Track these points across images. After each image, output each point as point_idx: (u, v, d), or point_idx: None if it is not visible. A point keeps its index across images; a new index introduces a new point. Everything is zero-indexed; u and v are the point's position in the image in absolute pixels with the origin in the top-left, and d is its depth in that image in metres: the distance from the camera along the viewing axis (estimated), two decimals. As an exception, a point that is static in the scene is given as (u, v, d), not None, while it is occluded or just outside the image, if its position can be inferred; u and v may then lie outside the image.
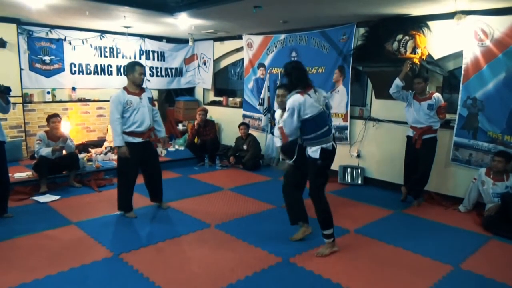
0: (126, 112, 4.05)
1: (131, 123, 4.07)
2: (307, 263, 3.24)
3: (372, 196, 5.23)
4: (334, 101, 6.10)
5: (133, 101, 4.07)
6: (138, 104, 4.10)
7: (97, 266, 3.14)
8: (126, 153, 4.03)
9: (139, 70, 4.10)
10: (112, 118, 4.02)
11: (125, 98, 4.04)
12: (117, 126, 4.01)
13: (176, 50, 8.50)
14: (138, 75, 4.10)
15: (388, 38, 5.12)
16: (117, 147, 4.05)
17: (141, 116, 4.11)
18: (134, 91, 4.13)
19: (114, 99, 4.03)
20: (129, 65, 4.18)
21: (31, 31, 6.61)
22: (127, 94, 4.07)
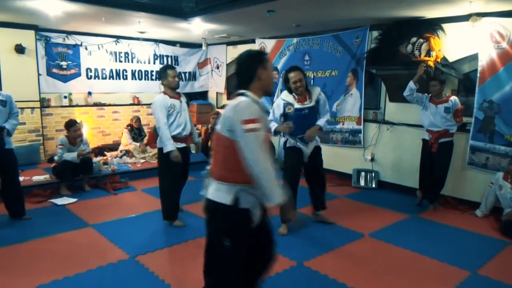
0: (170, 116, 3.92)
1: (175, 127, 3.94)
2: (322, 267, 3.23)
3: (386, 200, 5.18)
4: (347, 104, 6.08)
5: (176, 104, 3.96)
6: (180, 108, 4.00)
7: (113, 268, 3.19)
8: (179, 157, 3.88)
9: (172, 74, 4.00)
10: (160, 123, 3.86)
11: (168, 102, 3.91)
12: (165, 130, 3.86)
13: (189, 54, 8.59)
14: (171, 79, 3.98)
15: (402, 41, 5.09)
16: (169, 152, 3.85)
17: (184, 120, 4.02)
18: (173, 95, 4.01)
19: (158, 104, 3.89)
20: (161, 70, 4.09)
21: (48, 37, 6.76)
22: (169, 98, 3.95)
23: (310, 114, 3.92)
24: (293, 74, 3.81)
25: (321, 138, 6.45)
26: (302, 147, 3.97)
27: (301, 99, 3.87)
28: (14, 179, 4.17)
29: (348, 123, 6.14)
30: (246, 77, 2.03)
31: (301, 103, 3.87)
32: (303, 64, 6.63)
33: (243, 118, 1.87)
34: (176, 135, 3.95)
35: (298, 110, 3.87)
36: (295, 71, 3.83)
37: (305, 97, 3.89)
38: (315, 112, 3.97)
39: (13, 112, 4.13)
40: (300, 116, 3.87)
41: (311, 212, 4.33)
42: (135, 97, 7.99)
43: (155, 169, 6.31)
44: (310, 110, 3.91)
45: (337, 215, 4.53)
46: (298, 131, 3.88)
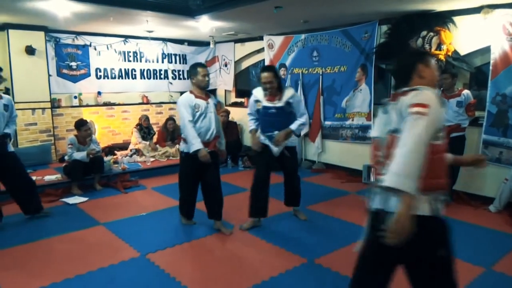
0: (193, 117, 3.70)
1: (197, 129, 3.69)
2: (333, 264, 3.20)
3: (397, 196, 5.12)
4: (356, 100, 6.03)
5: (201, 105, 3.71)
6: (206, 109, 3.74)
7: (124, 266, 3.21)
8: (207, 157, 3.66)
9: (202, 72, 3.74)
10: (184, 122, 3.66)
11: (193, 101, 3.70)
12: (191, 129, 3.63)
13: (197, 52, 8.59)
14: (201, 77, 3.73)
15: (412, 35, 5.03)
16: (197, 151, 3.62)
17: (208, 122, 3.76)
18: (200, 95, 3.77)
19: (182, 101, 3.71)
20: (191, 67, 3.86)
21: (58, 38, 6.82)
22: (194, 98, 3.73)
23: (278, 114, 3.83)
24: (265, 75, 3.78)
25: (330, 134, 6.48)
26: (269, 144, 3.91)
27: (271, 98, 3.83)
28: (24, 176, 4.22)
29: (357, 119, 6.09)
30: (405, 75, 1.85)
31: (270, 101, 3.84)
32: (312, 60, 6.59)
33: (412, 102, 1.67)
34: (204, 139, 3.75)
35: (266, 108, 3.87)
36: (267, 72, 3.80)
37: (274, 97, 3.83)
38: (285, 113, 3.85)
39: (13, 115, 4.18)
40: (267, 114, 3.86)
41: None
42: (144, 96, 8.03)
43: (165, 168, 6.41)
44: (278, 110, 3.83)
45: (348, 212, 4.50)
46: (266, 129, 3.91)
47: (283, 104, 3.80)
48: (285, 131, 3.82)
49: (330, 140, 6.56)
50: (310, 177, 6.25)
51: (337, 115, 6.34)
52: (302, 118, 3.90)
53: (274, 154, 3.94)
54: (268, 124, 3.88)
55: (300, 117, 3.90)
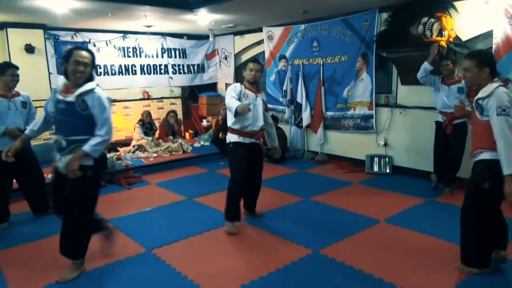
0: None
1: (244, 118, 3.62)
2: (338, 254, 3.21)
3: (401, 185, 5.12)
4: (358, 89, 6.00)
5: (249, 95, 3.69)
6: (254, 101, 3.70)
7: (131, 261, 3.22)
8: (246, 109, 3.43)
9: (250, 66, 3.73)
10: (229, 99, 3.59)
11: (241, 89, 3.68)
12: (234, 103, 3.51)
13: (197, 46, 8.56)
14: (248, 71, 3.72)
15: (413, 22, 4.97)
16: (237, 109, 3.45)
17: (256, 113, 3.70)
18: (250, 88, 3.75)
19: (229, 88, 3.70)
20: (245, 63, 3.99)
21: (57, 36, 6.80)
22: (244, 88, 3.72)
23: (66, 112, 2.79)
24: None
25: (332, 125, 6.46)
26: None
27: (66, 89, 2.80)
28: (39, 174, 4.29)
29: (359, 108, 6.06)
30: None
31: (65, 93, 2.79)
32: (312, 51, 6.54)
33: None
34: (242, 128, 3.67)
35: (57, 102, 2.90)
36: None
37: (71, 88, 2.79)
38: (77, 114, 2.76)
39: (31, 112, 4.21)
40: (57, 110, 2.85)
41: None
42: (145, 92, 8.02)
43: (168, 163, 6.42)
44: (67, 107, 2.79)
45: (352, 202, 4.51)
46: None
47: (73, 100, 2.74)
48: (77, 155, 2.72)
49: (332, 130, 6.54)
50: (313, 168, 6.24)
51: (339, 105, 6.31)
52: (101, 131, 2.78)
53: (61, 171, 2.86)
54: (57, 126, 2.91)
55: (99, 129, 2.78)
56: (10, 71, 3.91)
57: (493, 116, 2.51)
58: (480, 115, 2.64)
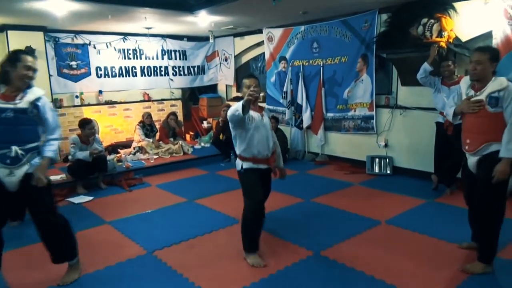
0: (247, 130, 3.13)
1: (255, 143, 3.16)
2: (339, 256, 3.21)
3: (402, 186, 5.12)
4: (358, 90, 6.00)
5: (254, 117, 3.16)
6: (260, 122, 3.19)
7: (132, 263, 3.22)
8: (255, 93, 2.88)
9: (247, 83, 3.24)
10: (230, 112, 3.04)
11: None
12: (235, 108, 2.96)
13: (197, 48, 8.57)
14: (246, 89, 3.17)
15: (412, 23, 4.98)
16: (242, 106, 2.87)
17: (266, 136, 3.22)
18: (253, 107, 3.19)
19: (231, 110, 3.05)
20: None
21: (57, 38, 6.81)
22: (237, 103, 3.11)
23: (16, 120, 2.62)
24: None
25: (333, 126, 6.46)
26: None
27: (4, 96, 2.61)
28: None
29: (360, 109, 6.06)
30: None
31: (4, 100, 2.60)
32: (312, 52, 6.55)
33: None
34: (256, 155, 3.19)
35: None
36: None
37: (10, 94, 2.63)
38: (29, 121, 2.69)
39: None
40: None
41: None
42: (145, 94, 8.03)
43: (169, 164, 6.43)
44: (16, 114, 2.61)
45: (353, 203, 4.51)
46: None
47: (26, 106, 2.64)
48: (45, 163, 2.71)
49: (332, 131, 6.54)
50: (313, 169, 6.25)
51: (339, 106, 6.31)
52: (55, 135, 2.79)
53: (8, 188, 2.65)
54: (3, 137, 2.60)
55: (52, 133, 2.77)
56: None
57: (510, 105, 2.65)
58: (494, 108, 2.72)
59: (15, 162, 2.61)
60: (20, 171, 2.64)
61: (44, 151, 2.72)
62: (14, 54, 2.68)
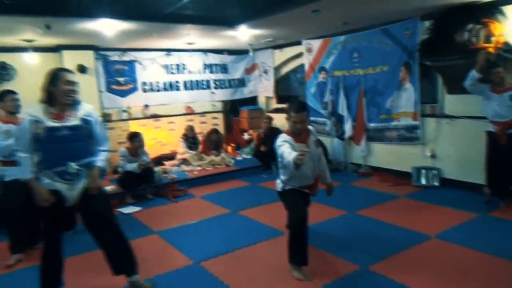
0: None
1: (296, 178, 3.20)
2: (388, 271, 3.13)
3: (451, 199, 4.92)
4: (401, 99, 5.87)
5: (297, 148, 3.04)
6: (305, 159, 2.84)
7: (179, 273, 3.31)
8: (304, 155, 2.75)
9: (294, 118, 3.08)
10: (282, 149, 3.04)
11: (291, 143, 3.09)
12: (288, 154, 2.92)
13: (237, 61, 8.74)
14: (292, 124, 3.10)
15: (457, 29, 4.83)
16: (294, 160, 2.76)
17: (310, 165, 3.21)
18: (299, 138, 3.15)
19: (279, 139, 3.14)
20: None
21: (106, 56, 7.19)
22: (293, 141, 3.12)
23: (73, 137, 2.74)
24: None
25: (376, 136, 6.33)
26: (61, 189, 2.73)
27: (57, 116, 2.70)
28: None
29: (403, 119, 5.91)
30: None
31: (57, 120, 2.69)
32: (352, 62, 6.50)
33: None
34: (298, 186, 3.26)
35: (52, 131, 2.67)
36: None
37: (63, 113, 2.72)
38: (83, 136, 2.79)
39: None
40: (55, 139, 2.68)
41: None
42: (188, 107, 8.27)
43: (212, 176, 6.55)
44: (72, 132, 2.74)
45: (399, 216, 4.38)
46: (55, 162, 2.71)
47: (79, 123, 2.74)
48: (97, 172, 2.84)
49: (375, 142, 6.41)
50: (356, 181, 6.14)
51: (382, 116, 6.19)
52: (105, 146, 2.95)
53: (68, 202, 2.76)
54: (61, 155, 2.69)
55: (101, 145, 2.92)
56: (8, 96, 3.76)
57: None
58: None
59: (74, 177, 2.74)
60: (79, 185, 2.77)
61: (95, 161, 2.84)
62: (53, 73, 2.75)
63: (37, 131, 2.62)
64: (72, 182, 2.74)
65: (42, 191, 2.66)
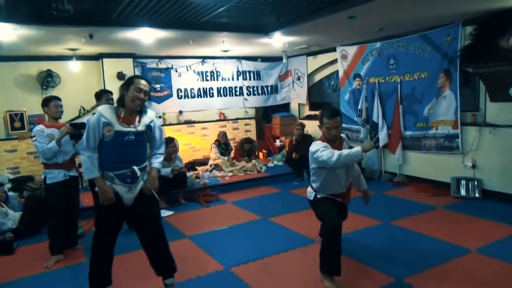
0: (324, 170, 3.16)
1: (328, 185, 3.25)
2: (425, 284, 3.00)
3: (494, 211, 4.67)
4: (440, 107, 5.67)
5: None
6: None
7: (210, 278, 3.33)
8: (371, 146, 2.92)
9: (327, 124, 3.08)
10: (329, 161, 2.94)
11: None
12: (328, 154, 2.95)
13: (270, 68, 8.77)
14: (326, 130, 3.11)
15: (502, 34, 4.64)
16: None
17: (341, 177, 3.23)
18: (332, 142, 3.13)
19: (316, 145, 3.11)
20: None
21: (144, 63, 7.43)
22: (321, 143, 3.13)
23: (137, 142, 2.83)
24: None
25: (412, 145, 6.14)
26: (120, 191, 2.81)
27: (127, 120, 2.77)
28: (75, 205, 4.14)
29: (442, 127, 5.70)
30: None
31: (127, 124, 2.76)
32: (389, 68, 6.35)
33: None
34: (330, 194, 3.29)
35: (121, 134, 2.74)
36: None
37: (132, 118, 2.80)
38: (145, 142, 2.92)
39: None
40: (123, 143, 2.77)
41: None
42: (221, 113, 8.37)
43: (243, 182, 6.58)
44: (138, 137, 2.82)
45: (437, 228, 4.21)
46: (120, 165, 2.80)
47: (144, 129, 2.83)
48: (155, 174, 2.95)
49: (412, 151, 6.21)
50: (391, 190, 5.97)
51: (419, 124, 6.00)
52: (161, 150, 3.04)
53: (125, 203, 2.84)
54: (124, 158, 2.77)
55: (159, 149, 3.02)
56: (53, 102, 3.84)
57: None
58: None
59: (134, 180, 2.80)
60: (137, 188, 2.84)
61: (152, 163, 2.95)
62: (129, 78, 2.85)
63: (105, 133, 2.70)
64: (132, 185, 2.80)
65: (108, 191, 2.72)
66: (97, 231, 2.90)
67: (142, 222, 2.91)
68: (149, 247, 2.94)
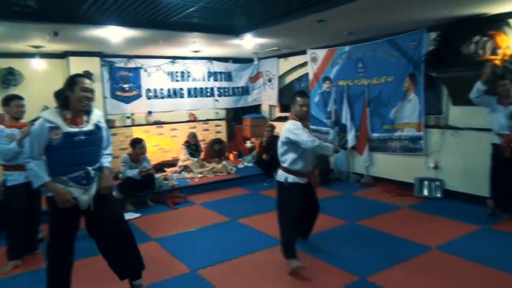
0: (297, 150, 3.44)
1: (303, 157, 3.48)
2: (387, 282, 3.08)
3: (454, 210, 4.85)
4: (405, 110, 5.84)
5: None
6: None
7: (177, 281, 3.28)
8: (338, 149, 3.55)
9: (300, 101, 3.46)
10: (306, 137, 3.36)
11: (302, 128, 3.42)
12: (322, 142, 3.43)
13: (241, 69, 8.77)
14: (298, 107, 3.46)
15: (463, 41, 4.82)
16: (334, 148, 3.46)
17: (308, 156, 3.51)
18: (304, 124, 3.50)
19: (292, 125, 3.45)
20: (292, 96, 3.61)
21: (112, 62, 7.25)
22: (296, 122, 3.46)
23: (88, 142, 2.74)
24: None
25: (379, 146, 6.30)
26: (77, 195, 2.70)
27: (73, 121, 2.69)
28: None
29: (407, 130, 5.88)
30: None
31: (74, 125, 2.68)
32: (357, 72, 6.49)
33: None
34: (302, 169, 3.51)
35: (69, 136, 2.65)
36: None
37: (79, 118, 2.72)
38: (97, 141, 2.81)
39: None
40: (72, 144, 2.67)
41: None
42: (192, 114, 8.29)
43: (213, 183, 6.53)
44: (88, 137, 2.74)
45: (400, 227, 4.33)
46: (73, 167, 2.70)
47: (93, 128, 2.75)
48: (109, 173, 2.85)
49: (378, 152, 6.37)
50: (358, 191, 6.09)
51: (385, 126, 6.16)
52: (109, 150, 2.95)
53: (81, 206, 2.72)
54: (77, 160, 2.68)
55: (106, 149, 2.93)
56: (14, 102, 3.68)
57: None
58: None
59: (89, 182, 2.71)
60: (92, 189, 2.74)
61: (103, 162, 2.84)
62: (71, 78, 2.74)
63: (53, 137, 2.59)
64: (87, 186, 2.71)
65: (64, 192, 2.61)
66: (52, 237, 2.77)
67: (103, 223, 2.80)
68: (112, 248, 2.83)
